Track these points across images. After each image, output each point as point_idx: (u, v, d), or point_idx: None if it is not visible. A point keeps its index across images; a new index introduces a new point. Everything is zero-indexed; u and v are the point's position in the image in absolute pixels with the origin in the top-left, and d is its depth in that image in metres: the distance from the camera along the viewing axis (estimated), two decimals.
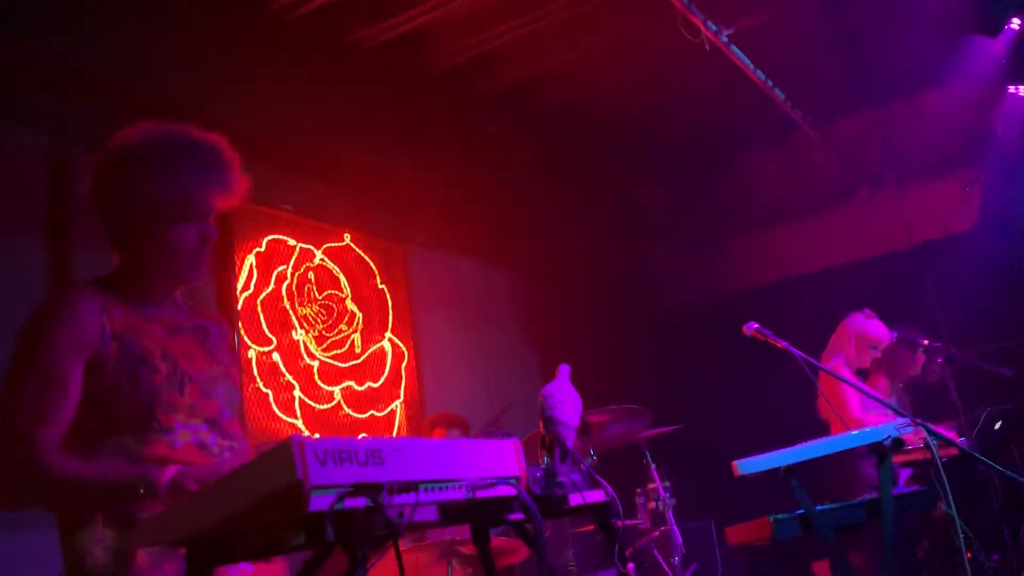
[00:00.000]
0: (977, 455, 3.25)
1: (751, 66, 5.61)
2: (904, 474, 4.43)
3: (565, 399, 2.02)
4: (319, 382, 4.92)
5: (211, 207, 2.10)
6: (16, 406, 1.90)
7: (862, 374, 5.03)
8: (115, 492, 1.87)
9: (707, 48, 5.14)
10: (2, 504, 2.09)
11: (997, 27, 4.76)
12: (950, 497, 2.79)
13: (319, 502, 1.35)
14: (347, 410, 5.03)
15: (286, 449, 1.35)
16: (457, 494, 1.62)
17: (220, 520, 1.41)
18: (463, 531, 3.65)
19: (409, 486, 1.48)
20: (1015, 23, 4.80)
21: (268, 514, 1.37)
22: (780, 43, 5.70)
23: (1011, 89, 5.43)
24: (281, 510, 1.36)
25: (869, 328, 4.86)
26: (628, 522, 4.56)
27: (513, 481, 1.73)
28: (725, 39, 5.17)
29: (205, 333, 2.19)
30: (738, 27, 5.15)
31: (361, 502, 1.39)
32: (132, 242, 2.09)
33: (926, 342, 5.14)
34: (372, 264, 5.47)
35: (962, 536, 2.85)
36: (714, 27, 5.05)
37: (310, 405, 4.81)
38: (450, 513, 1.67)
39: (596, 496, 1.99)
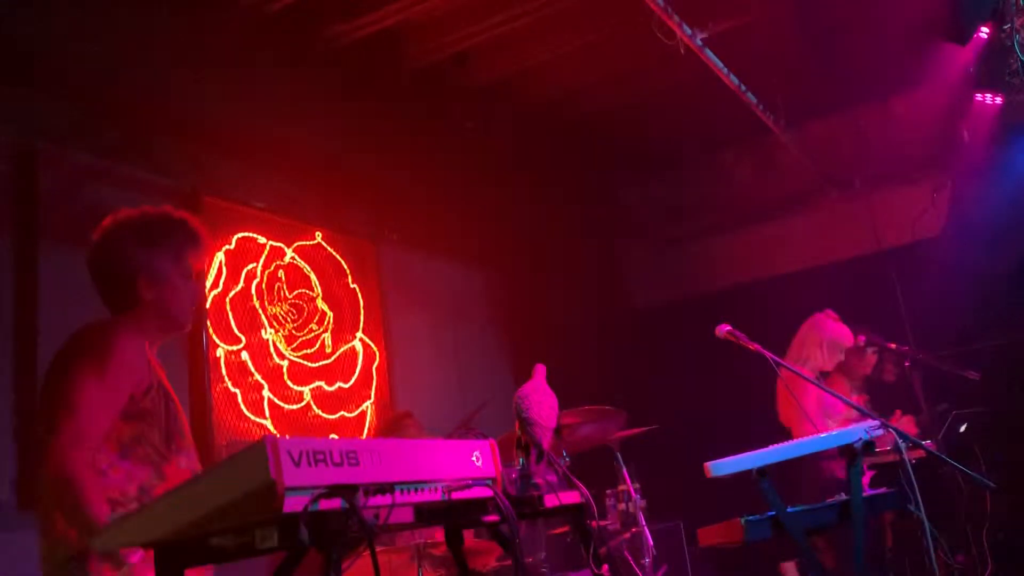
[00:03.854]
0: (944, 457, 3.29)
1: (724, 69, 5.65)
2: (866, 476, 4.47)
3: (542, 400, 2.02)
4: (288, 382, 4.86)
5: (196, 268, 2.51)
6: (76, 404, 2.14)
7: (821, 376, 5.08)
8: (81, 520, 2.05)
9: (682, 51, 5.16)
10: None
11: (966, 35, 4.83)
12: (919, 499, 2.82)
13: (293, 503, 1.33)
14: (317, 411, 4.98)
15: (260, 449, 1.33)
16: (433, 495, 1.60)
17: (192, 521, 1.39)
18: (434, 533, 3.63)
19: (385, 487, 1.47)
20: (984, 32, 4.87)
21: (241, 515, 1.35)
22: (753, 47, 5.74)
23: (979, 96, 5.51)
24: (255, 511, 1.33)
25: (837, 331, 4.87)
26: (599, 523, 4.56)
27: (489, 482, 1.72)
28: (699, 42, 5.19)
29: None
30: (712, 31, 5.18)
31: (336, 503, 1.37)
32: (154, 293, 2.41)
33: (893, 345, 5.21)
34: (344, 263, 5.42)
35: (930, 537, 2.88)
36: (689, 30, 5.07)
37: (279, 405, 4.76)
38: (426, 514, 1.65)
39: (571, 497, 1.99)
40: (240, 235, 4.79)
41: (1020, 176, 6.01)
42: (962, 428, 4.86)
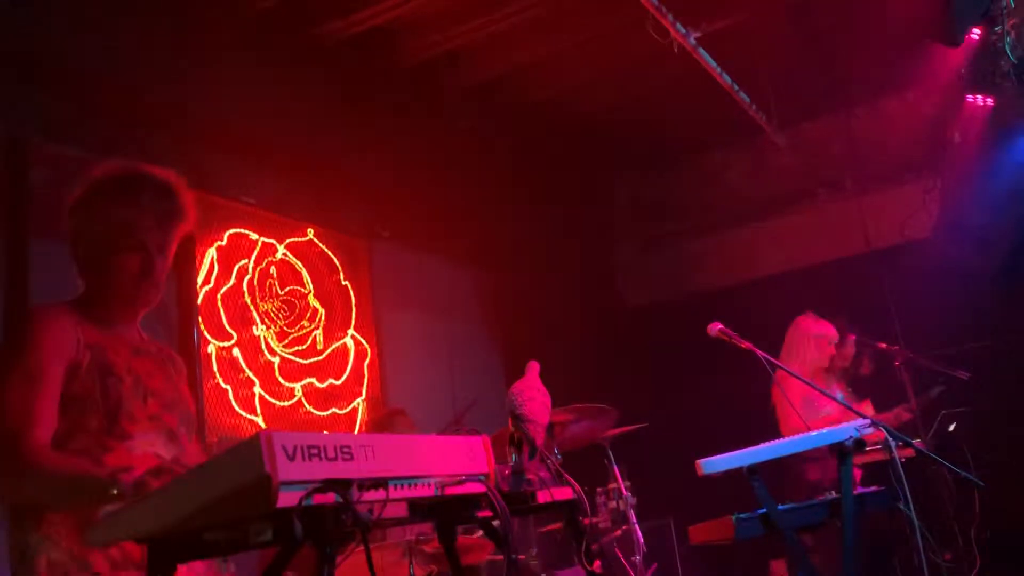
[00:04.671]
0: (934, 456, 3.32)
1: (718, 69, 5.66)
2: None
3: (535, 396, 2.02)
4: (280, 379, 4.85)
5: (152, 238, 2.20)
6: (6, 408, 1.99)
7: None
8: (90, 491, 1.92)
9: (675, 50, 5.17)
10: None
11: (958, 37, 4.86)
12: (908, 497, 2.84)
13: (287, 498, 1.33)
14: (308, 407, 4.97)
15: (254, 443, 1.33)
16: (426, 491, 1.60)
17: (185, 515, 1.39)
18: (425, 529, 3.63)
19: (379, 482, 1.47)
20: (975, 34, 4.90)
21: (235, 509, 1.35)
22: (747, 47, 5.76)
23: (970, 98, 5.54)
24: (249, 505, 1.33)
25: (822, 326, 4.94)
26: (590, 521, 4.57)
27: (482, 478, 1.72)
28: (693, 42, 5.21)
29: (165, 361, 2.31)
30: (706, 30, 5.19)
31: (330, 498, 1.37)
32: (89, 270, 2.22)
33: (883, 345, 5.25)
34: (336, 260, 5.42)
35: (919, 536, 2.89)
36: (683, 29, 5.09)
37: (270, 402, 4.75)
38: (419, 510, 1.65)
39: (564, 494, 1.99)
40: (232, 231, 4.78)
41: (1010, 178, 6.05)
42: (951, 427, 4.89)
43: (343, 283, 5.43)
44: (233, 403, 4.54)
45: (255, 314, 4.80)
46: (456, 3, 5.16)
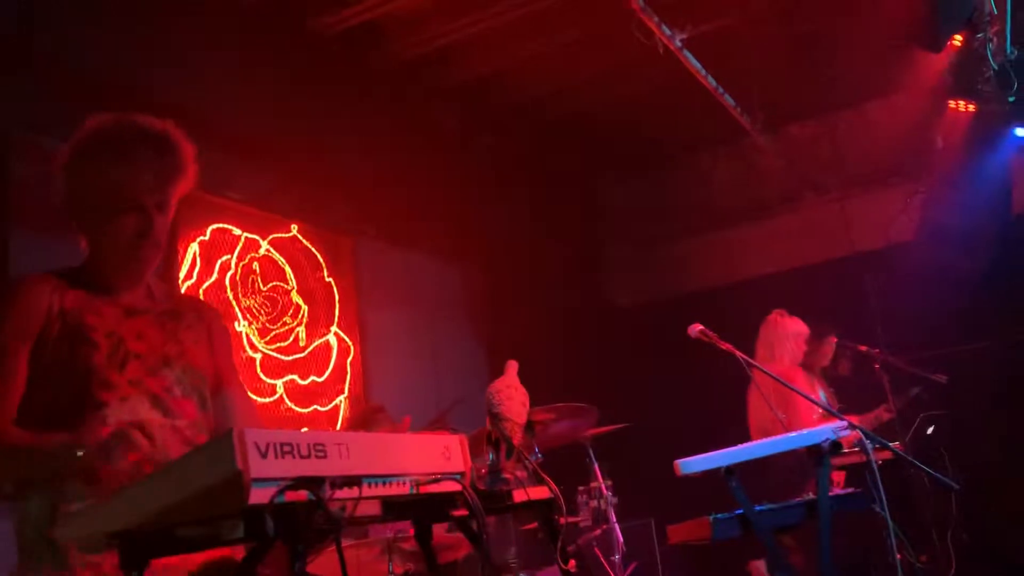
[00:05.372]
0: (910, 459, 3.34)
1: (703, 71, 5.68)
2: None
3: (513, 396, 2.03)
4: (261, 375, 4.84)
5: (151, 196, 2.07)
6: None
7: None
8: (54, 457, 1.87)
9: (661, 52, 5.18)
10: None
11: (941, 43, 4.91)
12: (884, 500, 2.86)
13: (259, 495, 1.33)
14: (290, 404, 4.96)
15: (227, 440, 1.33)
16: (401, 489, 1.61)
17: (158, 511, 1.38)
18: (405, 526, 3.63)
19: (352, 480, 1.47)
20: (957, 40, 4.94)
21: (207, 506, 1.35)
22: (733, 50, 5.78)
23: (952, 104, 5.58)
24: (221, 502, 1.33)
25: (795, 324, 4.98)
26: (570, 520, 4.58)
27: (458, 477, 1.73)
28: (679, 44, 5.22)
29: (175, 318, 2.19)
30: (692, 32, 5.21)
31: (303, 496, 1.37)
32: (86, 233, 2.11)
33: (864, 348, 5.29)
34: (319, 256, 5.40)
35: (894, 538, 2.92)
36: (668, 31, 5.10)
37: (251, 398, 4.73)
38: (394, 508, 1.66)
39: (540, 493, 2.00)
40: (215, 226, 4.76)
41: (992, 183, 6.10)
42: (929, 430, 4.93)
43: (327, 280, 5.42)
44: None
45: (237, 310, 4.78)
46: (443, 2, 5.16)
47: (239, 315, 4.79)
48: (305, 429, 4.93)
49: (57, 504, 1.91)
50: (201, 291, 4.59)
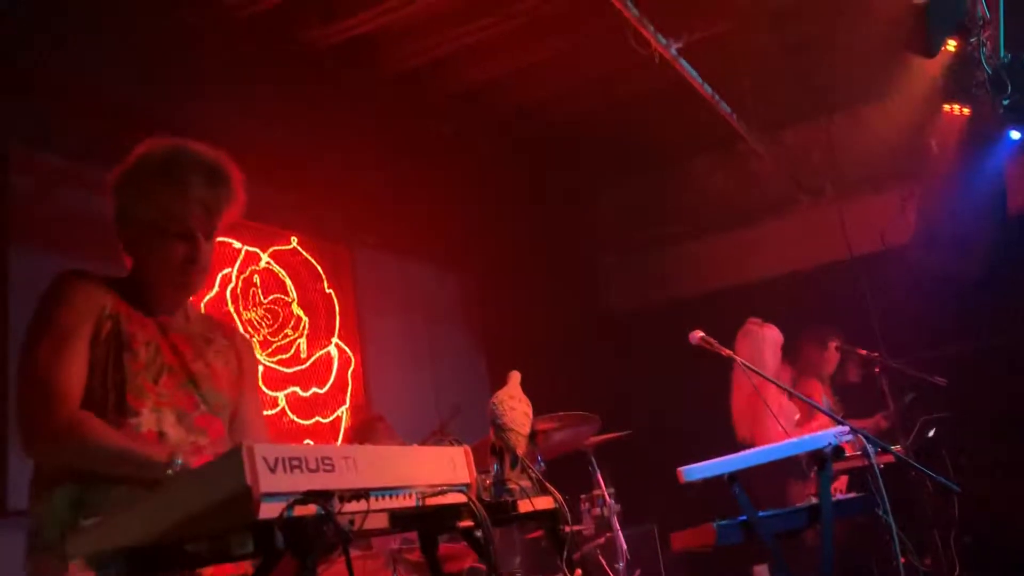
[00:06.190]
0: (912, 462, 3.35)
1: (698, 79, 5.71)
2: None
3: (516, 406, 2.03)
4: (263, 387, 4.84)
5: (201, 223, 2.12)
6: (38, 370, 1.94)
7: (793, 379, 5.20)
8: (150, 468, 1.86)
9: (656, 60, 5.21)
10: (35, 454, 2.00)
11: (934, 48, 4.93)
12: (887, 504, 2.87)
13: (269, 509, 1.33)
14: (292, 416, 4.96)
15: (236, 455, 1.33)
16: (408, 501, 1.61)
17: (168, 526, 1.39)
18: (410, 537, 3.64)
19: (360, 493, 1.47)
20: (951, 45, 4.97)
21: (217, 521, 1.35)
22: (727, 57, 5.81)
23: (946, 108, 5.61)
24: (230, 517, 1.34)
25: (771, 333, 4.99)
26: (573, 528, 4.58)
27: (463, 488, 1.74)
28: (674, 52, 5.25)
29: (206, 342, 2.24)
30: (687, 40, 5.23)
31: (311, 510, 1.38)
32: (132, 253, 2.16)
33: (863, 351, 5.30)
34: (319, 268, 5.42)
35: (897, 541, 2.93)
36: (664, 40, 5.12)
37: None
38: (401, 520, 1.66)
39: (545, 503, 2.00)
40: (215, 240, 4.76)
41: (987, 186, 6.13)
42: (930, 433, 4.94)
43: (327, 291, 5.43)
44: None
45: (238, 323, 4.79)
46: (440, 12, 5.18)
47: (240, 328, 4.79)
48: (308, 441, 4.94)
49: (83, 501, 1.90)
50: (203, 305, 4.60)
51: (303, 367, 5.13)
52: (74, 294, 2.02)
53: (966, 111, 5.49)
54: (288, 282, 5.18)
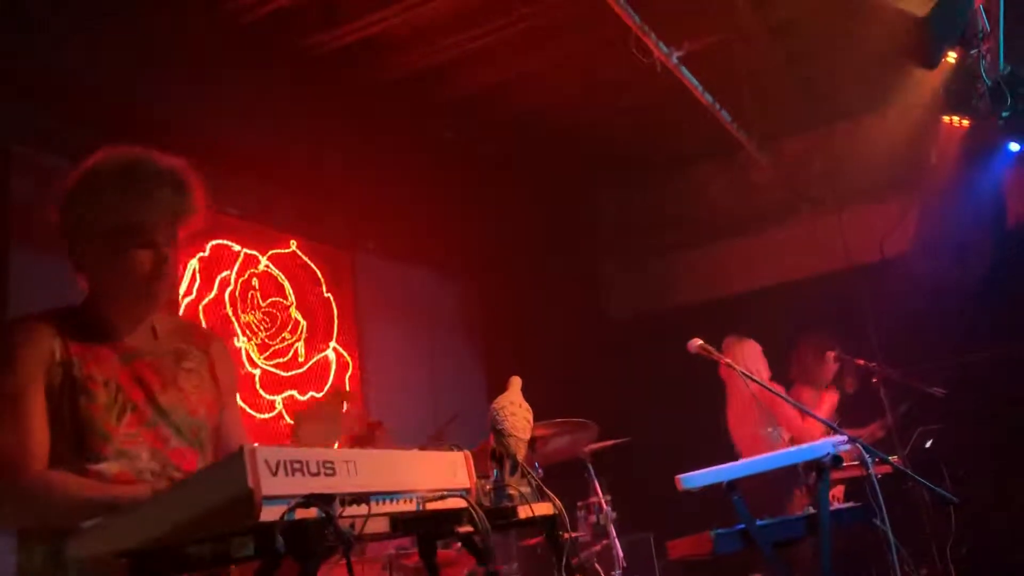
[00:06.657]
0: (910, 472, 3.35)
1: (700, 87, 5.72)
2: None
3: (517, 412, 2.03)
4: (260, 391, 4.84)
5: (164, 233, 2.02)
6: None
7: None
8: (129, 509, 1.76)
9: (658, 69, 5.22)
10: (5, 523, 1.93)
11: (935, 60, 4.96)
12: (884, 513, 2.87)
13: (270, 512, 1.33)
14: (289, 420, 4.95)
15: (238, 458, 1.33)
16: (408, 506, 1.61)
17: (169, 529, 1.39)
18: (405, 543, 3.63)
19: (361, 497, 1.47)
20: (951, 57, 4.99)
21: (218, 524, 1.35)
22: (729, 66, 5.83)
23: (946, 119, 5.63)
24: (231, 520, 1.34)
25: (749, 346, 5.04)
26: (570, 535, 4.57)
27: (463, 493, 1.73)
28: (676, 60, 5.26)
29: (177, 358, 2.13)
30: (688, 49, 5.25)
31: (313, 513, 1.38)
32: (90, 269, 2.04)
33: (861, 361, 5.31)
34: (318, 272, 5.42)
35: (895, 551, 2.92)
36: (665, 48, 5.14)
37: (251, 414, 4.74)
38: (401, 525, 1.66)
39: (544, 509, 2.00)
40: (214, 242, 4.77)
41: (986, 197, 6.14)
42: (928, 444, 4.94)
43: (325, 295, 5.43)
44: None
45: (236, 326, 4.79)
46: (442, 17, 5.20)
47: (238, 331, 4.79)
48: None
49: (60, 552, 1.83)
50: (200, 307, 4.60)
51: (301, 371, 5.12)
52: (21, 350, 1.92)
53: (966, 123, 5.51)
54: (287, 285, 5.18)
